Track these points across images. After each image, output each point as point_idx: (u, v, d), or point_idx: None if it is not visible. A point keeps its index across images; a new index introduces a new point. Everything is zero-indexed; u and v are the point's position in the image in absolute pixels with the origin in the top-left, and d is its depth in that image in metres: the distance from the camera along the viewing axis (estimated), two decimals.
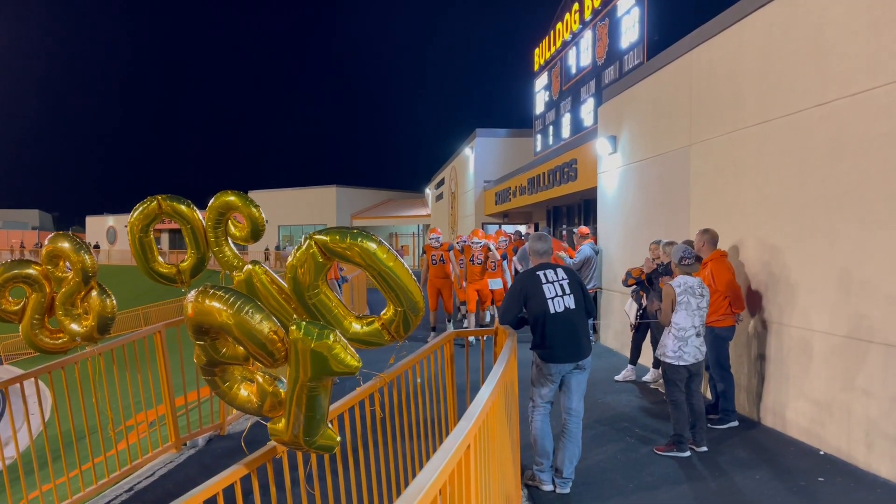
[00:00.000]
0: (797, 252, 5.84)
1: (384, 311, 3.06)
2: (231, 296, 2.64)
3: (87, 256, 4.33)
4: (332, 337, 2.52)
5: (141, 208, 4.19)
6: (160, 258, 4.40)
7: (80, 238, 4.41)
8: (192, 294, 2.70)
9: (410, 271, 2.93)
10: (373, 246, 2.84)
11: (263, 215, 4.30)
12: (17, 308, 4.46)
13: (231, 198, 4.13)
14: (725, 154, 6.96)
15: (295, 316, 3.08)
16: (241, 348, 2.75)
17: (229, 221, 4.32)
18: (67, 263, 4.37)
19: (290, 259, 2.95)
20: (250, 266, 3.20)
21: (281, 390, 2.87)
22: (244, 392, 2.93)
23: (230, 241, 4.34)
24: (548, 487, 4.87)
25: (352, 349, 2.56)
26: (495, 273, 10.89)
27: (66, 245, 4.28)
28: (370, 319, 3.11)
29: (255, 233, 4.30)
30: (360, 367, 2.57)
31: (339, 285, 9.58)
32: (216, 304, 2.60)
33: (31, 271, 4.38)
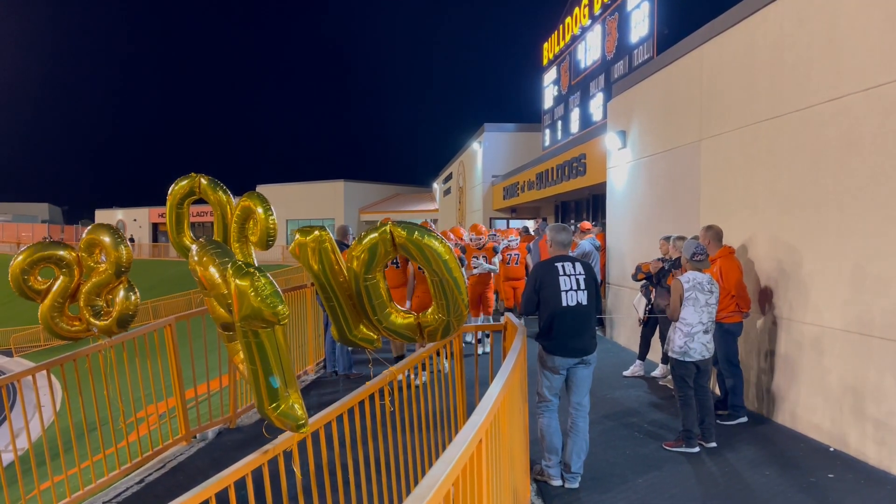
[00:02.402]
0: (809, 248, 5.81)
1: (425, 314, 3.07)
2: (203, 247, 2.92)
3: (124, 251, 4.46)
4: (255, 277, 2.58)
5: (182, 183, 4.27)
6: (189, 233, 4.47)
7: (120, 232, 4.52)
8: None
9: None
10: (443, 252, 2.88)
11: (272, 220, 4.26)
12: (42, 288, 4.58)
13: (256, 207, 4.08)
14: (736, 149, 6.93)
15: (336, 286, 3.17)
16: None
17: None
18: (103, 255, 4.49)
19: (359, 239, 3.03)
20: (318, 232, 3.23)
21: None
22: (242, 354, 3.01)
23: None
24: (556, 482, 4.88)
25: (276, 295, 2.61)
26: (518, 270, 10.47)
27: (106, 238, 4.41)
28: (409, 315, 3.14)
29: (263, 241, 4.27)
30: (281, 311, 2.61)
31: None
32: (194, 256, 2.95)
33: (65, 254, 4.52)
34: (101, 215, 63.40)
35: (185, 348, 6.28)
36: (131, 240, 54.30)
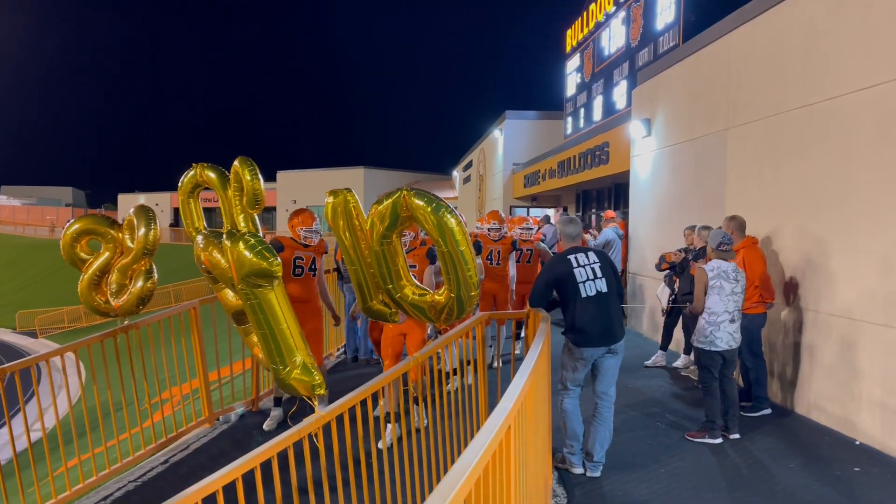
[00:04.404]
0: (838, 239, 5.72)
1: (438, 293, 3.08)
2: (206, 237, 3.13)
3: (153, 233, 4.80)
4: (244, 237, 2.82)
5: (186, 176, 4.44)
6: (202, 223, 4.64)
7: (153, 214, 4.83)
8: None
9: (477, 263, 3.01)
10: (453, 223, 2.90)
11: (257, 183, 4.31)
12: (86, 258, 4.96)
13: (243, 173, 4.10)
14: (765, 138, 6.83)
15: (359, 250, 3.24)
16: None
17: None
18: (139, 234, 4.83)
19: (378, 202, 3.14)
20: (344, 192, 3.32)
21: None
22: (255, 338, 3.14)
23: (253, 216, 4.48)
24: (578, 470, 4.87)
25: (266, 249, 2.83)
26: (532, 270, 7.99)
27: (142, 219, 4.79)
28: (424, 292, 3.16)
29: (251, 203, 4.35)
30: (272, 261, 2.83)
31: None
32: (199, 244, 3.16)
33: (111, 230, 4.87)
34: (124, 199, 64.02)
35: (208, 331, 6.33)
36: (171, 224, 55.10)
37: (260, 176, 4.25)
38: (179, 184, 4.45)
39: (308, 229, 5.86)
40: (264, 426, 6.07)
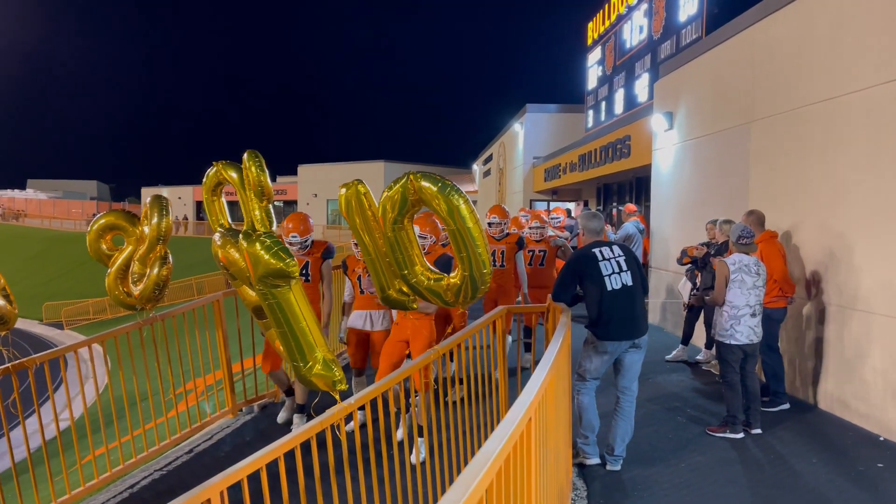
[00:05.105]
0: (862, 234, 5.66)
1: (452, 275, 3.12)
2: (223, 235, 3.19)
3: (164, 222, 4.91)
4: (260, 238, 2.88)
5: (208, 175, 4.53)
6: (226, 219, 4.73)
7: (167, 202, 4.93)
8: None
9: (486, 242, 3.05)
10: (460, 202, 2.97)
11: (263, 176, 4.42)
12: (111, 254, 5.09)
13: (250, 166, 4.21)
14: (789, 132, 6.76)
15: (373, 239, 3.29)
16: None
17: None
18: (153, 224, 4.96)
19: (388, 188, 3.18)
20: (355, 183, 3.39)
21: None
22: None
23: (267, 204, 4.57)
24: (593, 461, 4.88)
25: (283, 250, 2.87)
26: (545, 274, 7.23)
27: (155, 208, 4.90)
28: (439, 276, 3.21)
29: (258, 195, 4.44)
30: (288, 262, 2.85)
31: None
32: (217, 242, 3.21)
33: (132, 226, 5.02)
34: (147, 193, 64.76)
35: (231, 323, 6.41)
36: (185, 218, 55.62)
37: (265, 169, 4.34)
38: (203, 182, 4.53)
39: (291, 237, 5.55)
40: (278, 419, 6.09)
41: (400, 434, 4.58)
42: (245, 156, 4.28)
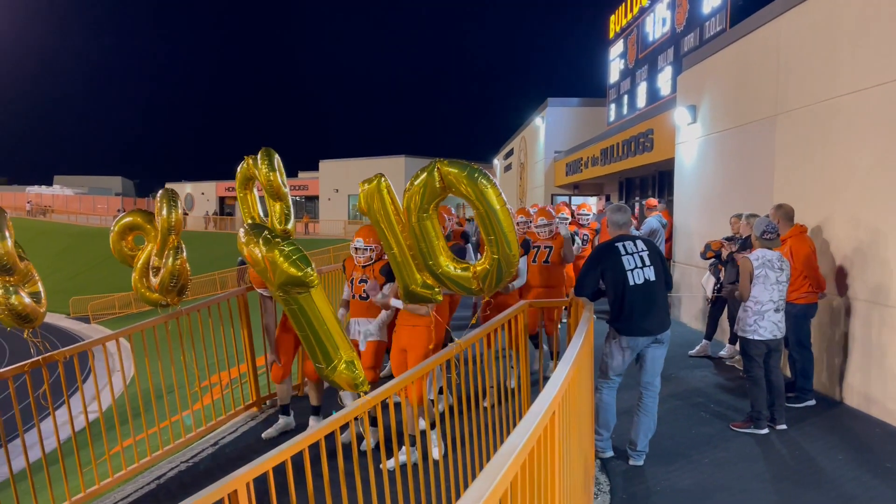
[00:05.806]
0: (892, 228, 5.57)
1: (479, 262, 3.15)
2: (247, 231, 3.15)
3: (174, 213, 5.00)
4: (280, 246, 2.88)
5: (240, 170, 4.62)
6: (258, 212, 4.81)
7: (177, 199, 4.98)
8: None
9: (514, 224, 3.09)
10: (487, 186, 3.00)
11: (273, 175, 4.58)
12: (133, 254, 5.23)
13: (262, 165, 4.57)
14: (815, 125, 6.67)
15: (395, 233, 3.31)
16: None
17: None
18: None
19: (414, 177, 3.20)
20: (376, 178, 3.44)
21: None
22: None
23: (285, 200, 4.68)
24: (608, 454, 4.88)
25: (302, 259, 2.87)
26: (553, 272, 6.81)
27: (164, 202, 4.99)
28: (465, 265, 3.24)
29: (271, 194, 4.63)
30: (308, 272, 2.86)
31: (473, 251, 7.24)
32: (241, 238, 3.15)
33: (151, 225, 5.11)
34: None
35: (255, 317, 6.47)
36: (185, 213, 56.27)
37: (276, 167, 4.44)
38: (235, 177, 4.61)
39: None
40: (263, 435, 5.67)
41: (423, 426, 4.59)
42: (259, 154, 4.36)
